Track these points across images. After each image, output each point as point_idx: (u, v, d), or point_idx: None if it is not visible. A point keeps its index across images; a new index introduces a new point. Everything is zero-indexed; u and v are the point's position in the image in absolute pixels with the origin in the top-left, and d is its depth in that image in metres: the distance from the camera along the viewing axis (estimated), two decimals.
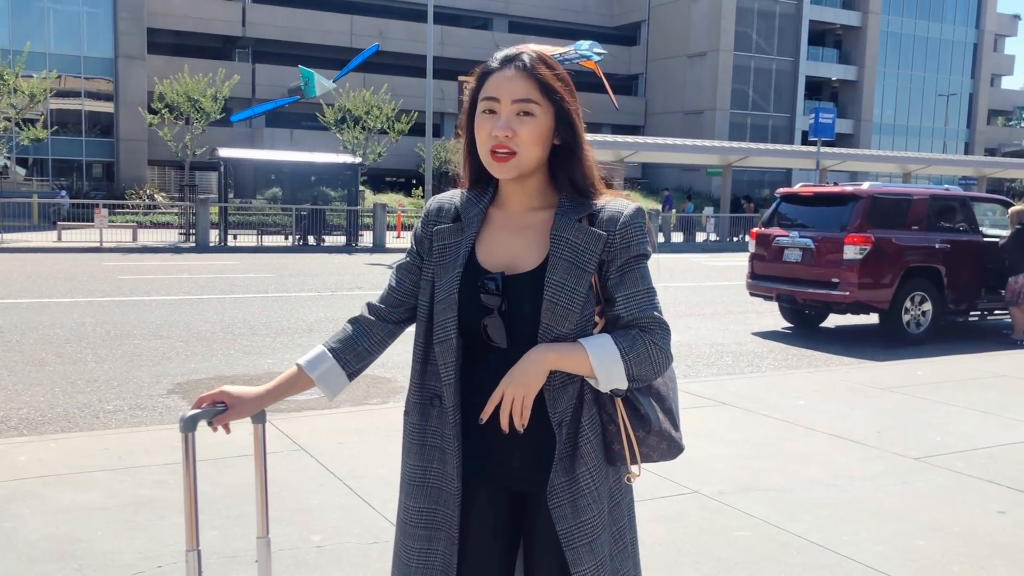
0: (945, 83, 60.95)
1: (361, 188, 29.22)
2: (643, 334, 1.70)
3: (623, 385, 1.70)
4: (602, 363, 1.67)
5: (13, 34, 36.08)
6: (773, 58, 54.64)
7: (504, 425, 1.69)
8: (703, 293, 14.81)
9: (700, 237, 31.35)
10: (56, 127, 36.38)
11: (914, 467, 4.91)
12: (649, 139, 36.71)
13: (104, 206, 23.44)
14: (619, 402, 1.74)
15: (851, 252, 9.86)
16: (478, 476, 1.80)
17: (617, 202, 1.77)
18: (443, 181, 45.88)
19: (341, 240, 24.96)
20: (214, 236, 23.61)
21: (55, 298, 12.00)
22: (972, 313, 10.75)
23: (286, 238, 24.69)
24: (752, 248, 11.28)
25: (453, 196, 1.89)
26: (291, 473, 4.49)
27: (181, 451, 1.88)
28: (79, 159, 40.59)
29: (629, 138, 36.06)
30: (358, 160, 27.72)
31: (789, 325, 11.33)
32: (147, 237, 24.49)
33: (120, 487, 4.20)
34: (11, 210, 24.80)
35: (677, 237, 30.96)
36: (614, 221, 1.73)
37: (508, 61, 1.75)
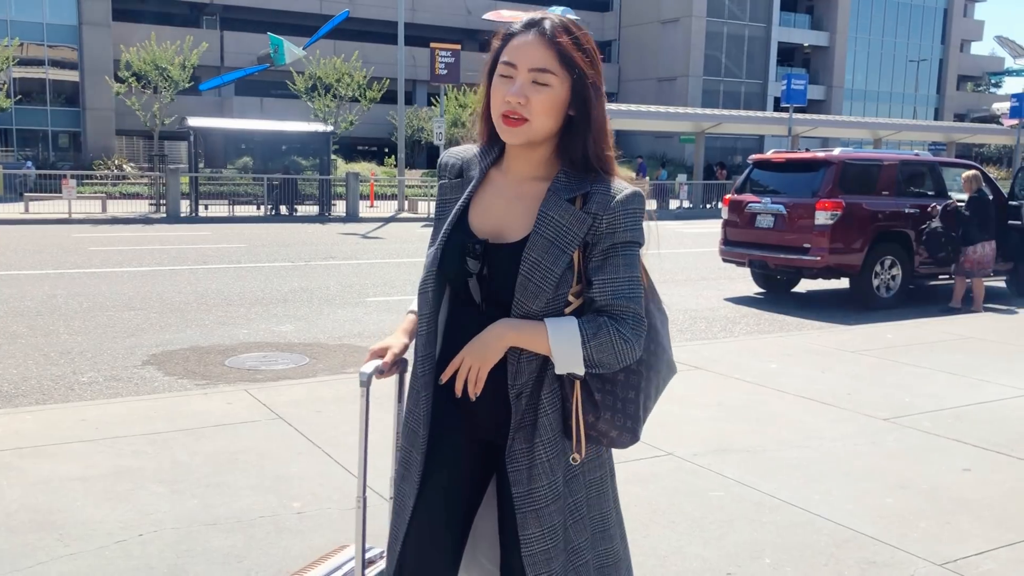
0: (916, 49, 61.26)
1: (333, 157, 28.98)
2: (611, 322, 1.69)
3: (579, 370, 1.71)
4: (561, 346, 1.68)
5: None
6: (746, 24, 54.58)
7: (458, 391, 1.76)
8: (676, 260, 14.91)
9: (673, 204, 31.48)
10: (20, 96, 35.67)
11: (883, 427, 5.02)
12: (623, 106, 36.65)
13: (72, 177, 23.09)
14: (577, 384, 1.75)
15: (822, 217, 9.96)
16: (453, 423, 1.85)
17: (616, 185, 1.75)
18: (415, 149, 45.61)
19: (314, 210, 24.78)
20: (185, 206, 23.34)
21: (24, 270, 11.85)
22: (940, 277, 10.92)
23: (258, 208, 24.46)
24: (725, 215, 11.36)
25: (464, 151, 1.92)
26: (269, 441, 4.50)
27: (359, 406, 2.05)
28: (44, 129, 39.85)
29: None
30: (330, 129, 27.46)
31: (761, 291, 11.45)
32: (117, 208, 24.16)
33: (98, 457, 4.20)
34: None
35: (651, 205, 30.93)
36: (604, 205, 1.72)
37: (531, 25, 1.73)
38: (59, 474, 3.98)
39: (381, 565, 2.29)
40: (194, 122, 25.75)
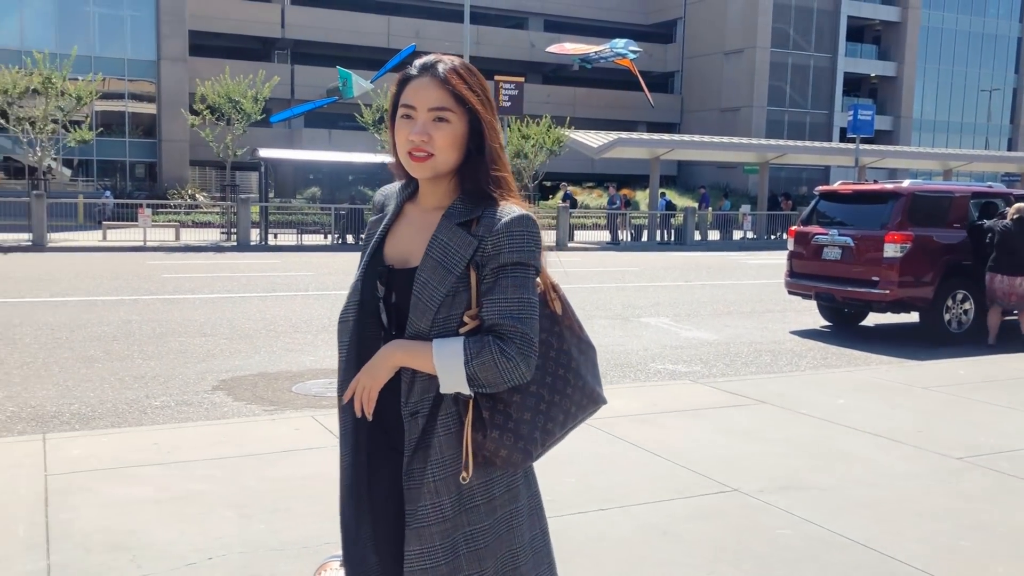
0: (988, 78, 59.85)
1: None
2: (496, 341, 1.72)
3: (464, 389, 1.74)
4: (444, 364, 1.73)
5: (60, 38, 36.79)
6: (811, 55, 54.07)
7: (357, 411, 1.84)
8: (740, 291, 14.73)
9: (737, 235, 31.15)
10: (101, 129, 37.07)
11: (957, 467, 4.87)
12: (685, 137, 36.55)
13: (147, 206, 23.86)
14: (470, 403, 1.79)
15: (891, 250, 9.76)
16: (379, 441, 1.92)
17: (504, 208, 1.81)
18: None
19: None
20: (255, 235, 23.93)
21: (102, 296, 12.27)
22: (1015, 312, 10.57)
23: (325, 237, 24.94)
24: (791, 246, 11.21)
25: (390, 188, 2.05)
26: (335, 468, 4.55)
27: None
28: (123, 160, 41.32)
29: (665, 136, 35.93)
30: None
31: (828, 324, 11.24)
32: (189, 236, 24.88)
33: (170, 481, 4.32)
34: (58, 210, 25.31)
35: (714, 235, 30.78)
36: (489, 227, 1.78)
37: (425, 69, 1.83)
38: (133, 496, 4.09)
39: None
40: (265, 153, 26.44)
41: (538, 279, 1.85)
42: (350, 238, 24.62)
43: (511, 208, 1.81)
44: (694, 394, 6.58)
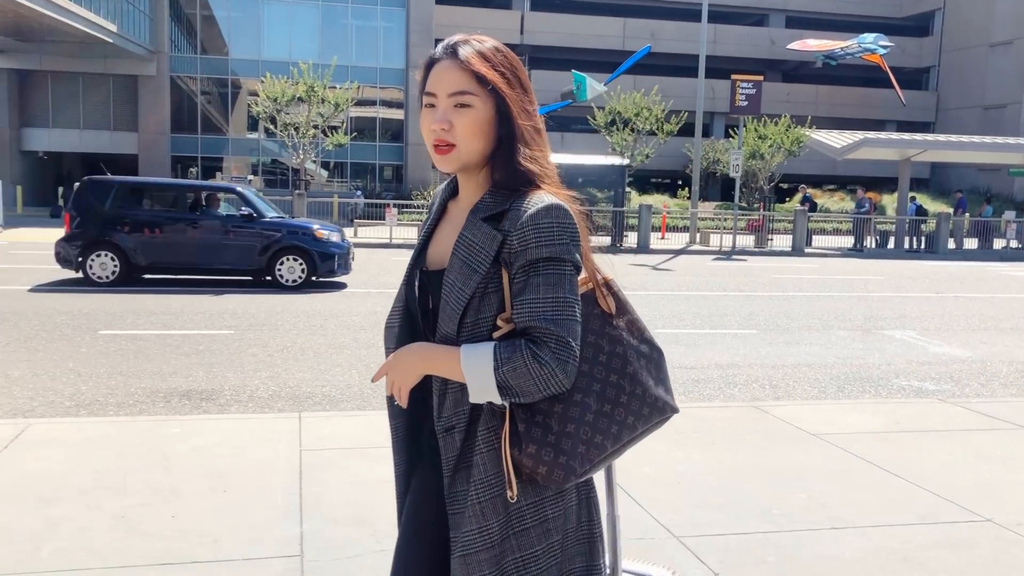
0: None
1: (627, 189, 29.46)
2: (529, 345, 1.56)
3: (495, 399, 1.58)
4: (472, 371, 1.57)
5: (322, 49, 40.15)
6: None
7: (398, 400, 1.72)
8: (1000, 305, 13.43)
9: (998, 244, 28.40)
10: (355, 133, 40.03)
11: None
12: (940, 137, 33.76)
13: (394, 206, 25.50)
14: (507, 415, 1.62)
15: None
16: (422, 451, 1.81)
17: (534, 199, 1.63)
18: (710, 182, 45.11)
19: (606, 241, 25.30)
20: None
21: (352, 289, 13.25)
22: None
23: None
24: None
25: (442, 187, 1.91)
26: None
27: None
28: (372, 163, 44.33)
29: (917, 136, 33.43)
30: (625, 162, 27.95)
31: None
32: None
33: None
34: (315, 208, 27.62)
35: (971, 243, 28.26)
36: (515, 220, 1.61)
37: (446, 51, 1.69)
38: (375, 475, 4.40)
39: None
40: None
41: (583, 275, 1.70)
42: None
43: (541, 197, 1.63)
44: (943, 414, 6.09)
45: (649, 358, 1.75)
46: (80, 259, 12.65)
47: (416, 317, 1.77)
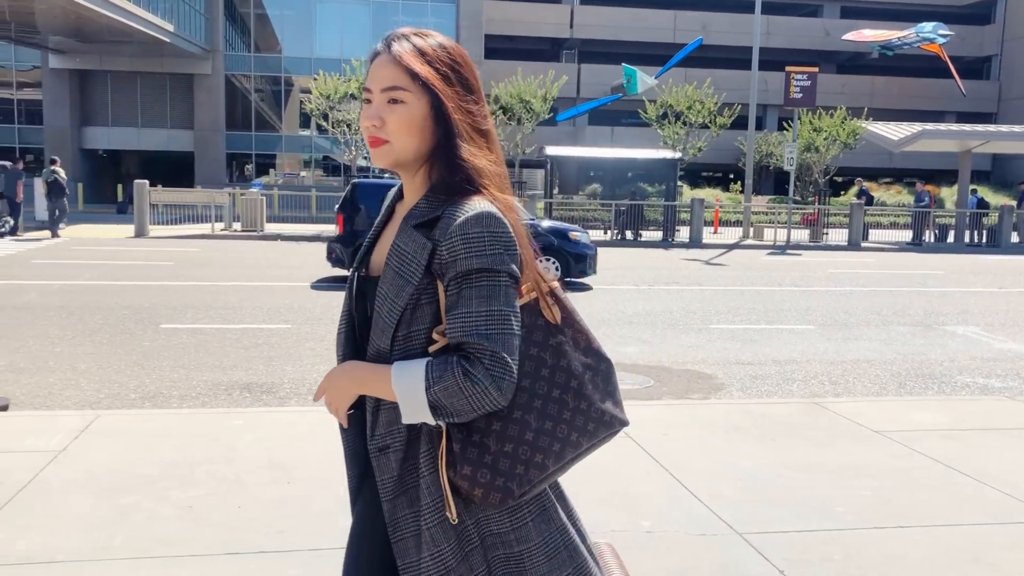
0: None
1: (679, 183, 29.22)
2: (462, 362, 1.47)
3: (428, 419, 1.50)
4: (404, 391, 1.50)
5: (374, 47, 40.51)
6: None
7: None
8: None
9: None
10: None
11: None
12: (1003, 127, 32.84)
13: None
14: (443, 434, 1.54)
15: None
16: (367, 466, 1.70)
17: (465, 206, 1.53)
18: (763, 175, 44.48)
19: (658, 235, 25.12)
20: None
21: None
22: None
23: (605, 232, 25.33)
24: None
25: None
26: (618, 458, 4.65)
27: None
28: None
29: (979, 126, 32.58)
30: (677, 155, 27.72)
31: None
32: None
33: None
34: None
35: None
36: (444, 229, 1.52)
37: (384, 46, 1.64)
38: None
39: None
40: (551, 151, 27.37)
41: (527, 284, 1.59)
42: (629, 234, 24.82)
43: (474, 204, 1.53)
44: (1011, 412, 5.94)
45: (596, 370, 1.66)
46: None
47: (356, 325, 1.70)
